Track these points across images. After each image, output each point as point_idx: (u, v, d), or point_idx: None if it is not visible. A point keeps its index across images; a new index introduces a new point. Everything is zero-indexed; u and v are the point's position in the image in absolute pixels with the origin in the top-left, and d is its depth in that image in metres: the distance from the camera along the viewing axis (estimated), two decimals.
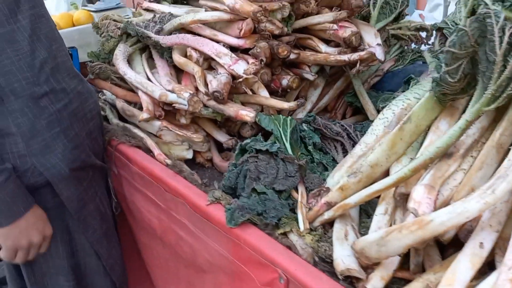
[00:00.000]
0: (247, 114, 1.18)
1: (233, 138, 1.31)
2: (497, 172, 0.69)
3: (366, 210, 0.99)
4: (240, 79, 1.24)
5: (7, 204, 1.07)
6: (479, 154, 0.78)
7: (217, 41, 1.34)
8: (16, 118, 1.09)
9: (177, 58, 1.36)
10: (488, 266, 0.71)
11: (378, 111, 1.43)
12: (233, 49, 1.33)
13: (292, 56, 1.32)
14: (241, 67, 1.26)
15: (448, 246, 0.79)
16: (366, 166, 0.90)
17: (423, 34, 1.63)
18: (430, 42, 1.63)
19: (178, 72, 1.44)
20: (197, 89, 1.32)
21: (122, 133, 1.41)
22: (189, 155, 1.32)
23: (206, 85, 1.29)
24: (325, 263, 0.85)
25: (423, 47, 1.64)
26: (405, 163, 0.90)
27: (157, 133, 1.34)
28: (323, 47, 1.39)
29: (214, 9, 1.38)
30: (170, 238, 1.24)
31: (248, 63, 1.28)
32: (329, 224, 0.95)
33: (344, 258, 0.81)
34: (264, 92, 1.30)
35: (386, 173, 0.93)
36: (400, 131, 0.87)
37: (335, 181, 0.99)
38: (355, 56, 1.28)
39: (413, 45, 1.64)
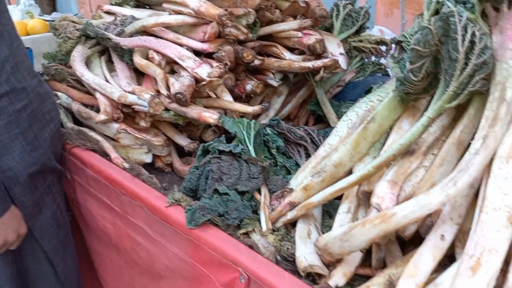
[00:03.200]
0: (211, 116, 1.15)
1: (194, 142, 1.28)
2: (458, 166, 0.70)
3: (329, 211, 0.98)
4: (204, 82, 1.21)
5: None
6: (440, 152, 0.79)
7: (181, 45, 1.32)
8: None
9: (138, 60, 1.32)
10: (449, 260, 0.71)
11: None
12: (196, 54, 1.31)
13: (257, 62, 1.32)
14: (204, 70, 1.24)
15: (409, 243, 0.79)
16: (329, 165, 0.89)
17: (383, 48, 1.68)
18: (389, 55, 1.67)
19: (139, 76, 1.40)
20: (158, 92, 1.28)
21: (77, 137, 1.34)
22: (148, 158, 1.28)
23: (168, 88, 1.26)
24: (287, 262, 0.83)
25: (383, 60, 1.69)
26: (368, 162, 0.90)
27: (114, 136, 1.29)
28: (287, 54, 1.40)
29: (178, 12, 1.37)
30: (125, 244, 1.18)
31: (212, 66, 1.26)
32: (292, 225, 0.93)
33: (306, 256, 0.80)
34: (228, 97, 1.29)
35: (349, 173, 0.92)
36: (363, 131, 0.87)
37: (298, 182, 0.98)
38: (319, 63, 1.29)
39: (373, 58, 1.68)
